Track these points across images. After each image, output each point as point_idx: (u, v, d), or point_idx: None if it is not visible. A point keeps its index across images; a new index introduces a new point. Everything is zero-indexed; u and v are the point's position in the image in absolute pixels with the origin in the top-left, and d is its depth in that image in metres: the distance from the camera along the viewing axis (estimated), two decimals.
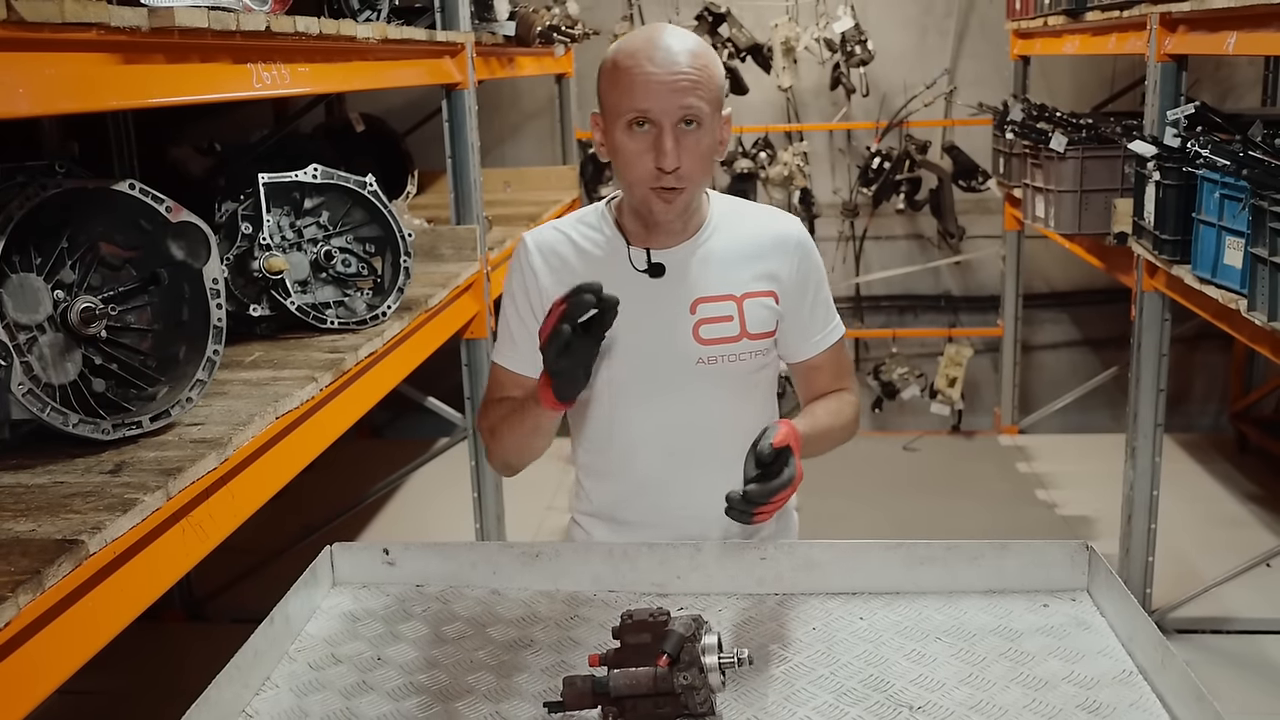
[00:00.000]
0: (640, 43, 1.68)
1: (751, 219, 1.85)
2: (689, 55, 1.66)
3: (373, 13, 2.83)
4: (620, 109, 1.67)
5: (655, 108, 1.64)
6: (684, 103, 1.64)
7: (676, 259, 1.78)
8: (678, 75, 1.64)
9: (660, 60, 1.65)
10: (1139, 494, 3.71)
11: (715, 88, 1.69)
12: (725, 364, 1.78)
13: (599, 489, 1.90)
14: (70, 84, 1.59)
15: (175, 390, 1.88)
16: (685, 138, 1.66)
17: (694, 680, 1.27)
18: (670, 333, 1.77)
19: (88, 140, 3.40)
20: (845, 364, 1.94)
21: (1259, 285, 2.60)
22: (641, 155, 1.67)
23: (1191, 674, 1.30)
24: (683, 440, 1.81)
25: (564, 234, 1.83)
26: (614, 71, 1.69)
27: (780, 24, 5.36)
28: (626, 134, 1.67)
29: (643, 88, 1.64)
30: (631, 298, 1.75)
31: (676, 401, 1.79)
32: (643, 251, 1.78)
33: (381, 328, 2.55)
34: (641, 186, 1.69)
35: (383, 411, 5.95)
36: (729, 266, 1.79)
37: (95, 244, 1.86)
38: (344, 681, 1.47)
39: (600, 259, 1.79)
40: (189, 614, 4.06)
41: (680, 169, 1.66)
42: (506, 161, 5.67)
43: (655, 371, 1.78)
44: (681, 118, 1.65)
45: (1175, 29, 3.32)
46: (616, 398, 1.80)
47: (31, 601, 1.33)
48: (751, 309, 1.79)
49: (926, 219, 5.70)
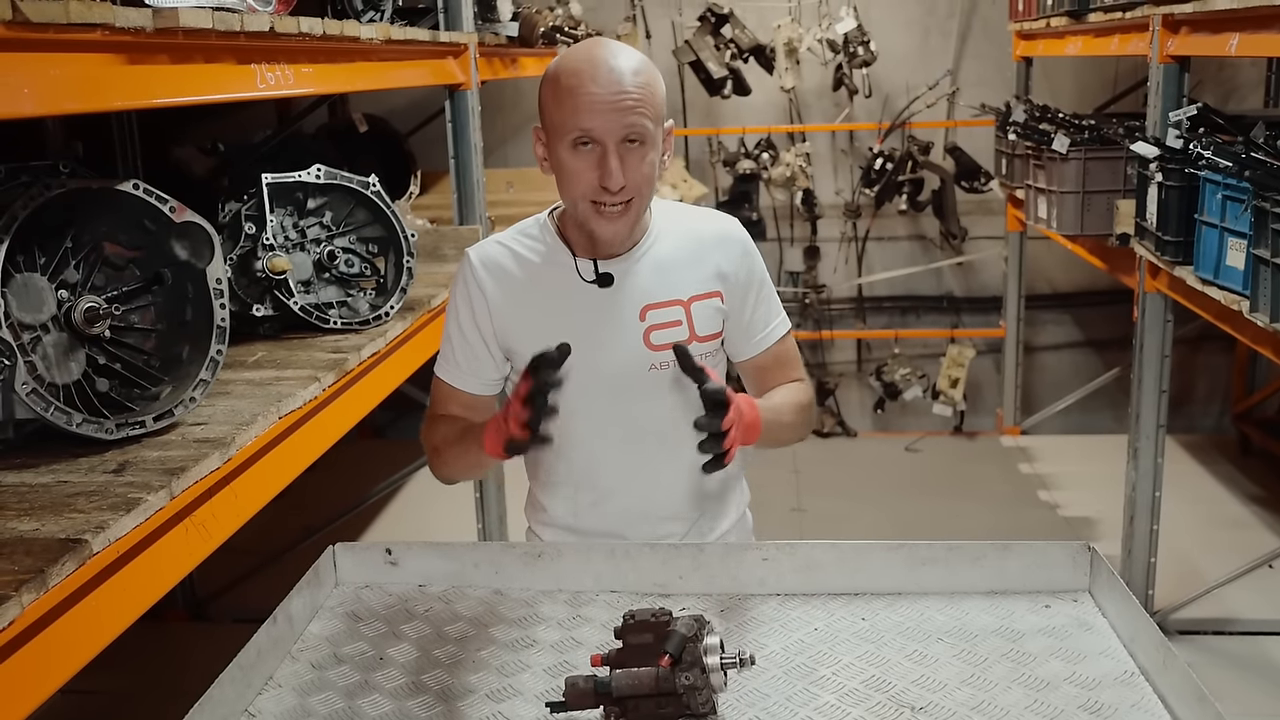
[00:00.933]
0: (582, 62, 1.67)
1: (691, 221, 1.86)
2: (631, 74, 1.66)
3: (376, 13, 2.83)
4: (564, 128, 1.66)
5: (599, 127, 1.64)
6: (627, 121, 1.64)
7: (623, 268, 1.78)
8: (621, 95, 1.64)
9: (603, 80, 1.64)
10: (1141, 495, 3.70)
11: (658, 104, 1.69)
12: (677, 368, 1.78)
13: (555, 500, 1.89)
14: (75, 84, 1.60)
15: (179, 390, 1.88)
16: (629, 155, 1.66)
17: (696, 680, 1.27)
18: (621, 341, 1.77)
19: (92, 140, 3.41)
20: (795, 357, 1.94)
21: (1261, 286, 2.60)
22: (585, 173, 1.67)
23: (1193, 675, 1.30)
24: (637, 446, 1.81)
25: (507, 247, 1.82)
26: (556, 89, 1.68)
27: (783, 25, 5.37)
28: (570, 152, 1.67)
29: (587, 108, 1.64)
30: (580, 308, 1.76)
31: (630, 409, 1.79)
32: (590, 262, 1.78)
33: (384, 328, 2.56)
34: (584, 202, 1.69)
35: (385, 411, 5.94)
36: (674, 271, 1.79)
37: (99, 244, 1.86)
38: (346, 681, 1.48)
39: (545, 271, 1.79)
40: (192, 614, 4.07)
41: (626, 185, 1.66)
42: (509, 162, 5.67)
43: (608, 381, 1.77)
44: (625, 136, 1.65)
45: (1178, 30, 3.32)
46: (572, 408, 1.76)
47: (35, 600, 1.34)
48: (699, 311, 1.79)
49: (929, 220, 5.70)
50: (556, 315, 1.77)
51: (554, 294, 1.78)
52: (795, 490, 5.03)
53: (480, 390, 1.84)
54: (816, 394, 5.75)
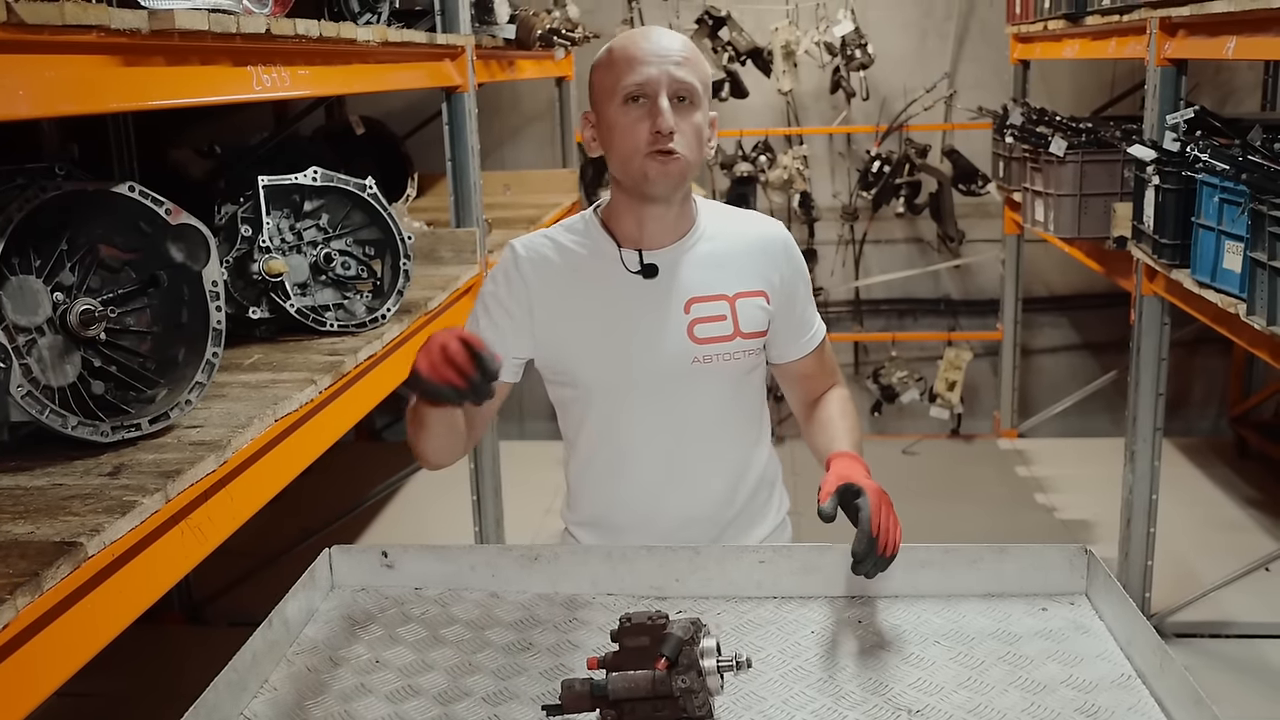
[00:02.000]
0: (633, 31, 1.76)
1: (738, 221, 1.87)
2: (681, 41, 1.74)
3: (373, 15, 2.83)
4: (615, 89, 1.70)
5: (651, 78, 1.68)
6: (677, 76, 1.69)
7: (668, 259, 1.79)
8: (671, 51, 1.70)
9: (654, 39, 1.72)
10: (1138, 498, 3.71)
11: (705, 76, 1.74)
12: (720, 363, 1.78)
13: (592, 495, 1.90)
14: (70, 86, 1.59)
15: (174, 393, 1.88)
16: (679, 110, 1.69)
17: (692, 683, 1.27)
18: (665, 333, 1.77)
19: (87, 142, 3.40)
20: (833, 360, 1.96)
21: (1258, 289, 2.60)
22: (636, 125, 1.69)
23: (1190, 678, 1.30)
24: (678, 442, 1.81)
25: (552, 240, 1.83)
26: (608, 58, 1.74)
27: (780, 28, 5.37)
28: (621, 110, 1.70)
29: (640, 64, 1.69)
30: (625, 299, 1.76)
31: (671, 402, 1.79)
32: (635, 253, 1.78)
33: (381, 330, 2.55)
34: (637, 156, 1.70)
35: (382, 414, 5.96)
36: (720, 266, 1.80)
37: (95, 246, 1.86)
38: (342, 684, 1.47)
39: (590, 262, 1.80)
40: (188, 617, 4.06)
41: (676, 136, 1.68)
42: (506, 164, 5.67)
43: (651, 372, 1.77)
44: (675, 91, 1.69)
45: (1175, 33, 3.32)
46: (611, 400, 1.80)
47: (30, 604, 1.33)
48: (744, 308, 1.79)
49: (926, 223, 5.71)
50: (601, 306, 1.77)
51: (598, 285, 1.78)
52: (794, 493, 5.01)
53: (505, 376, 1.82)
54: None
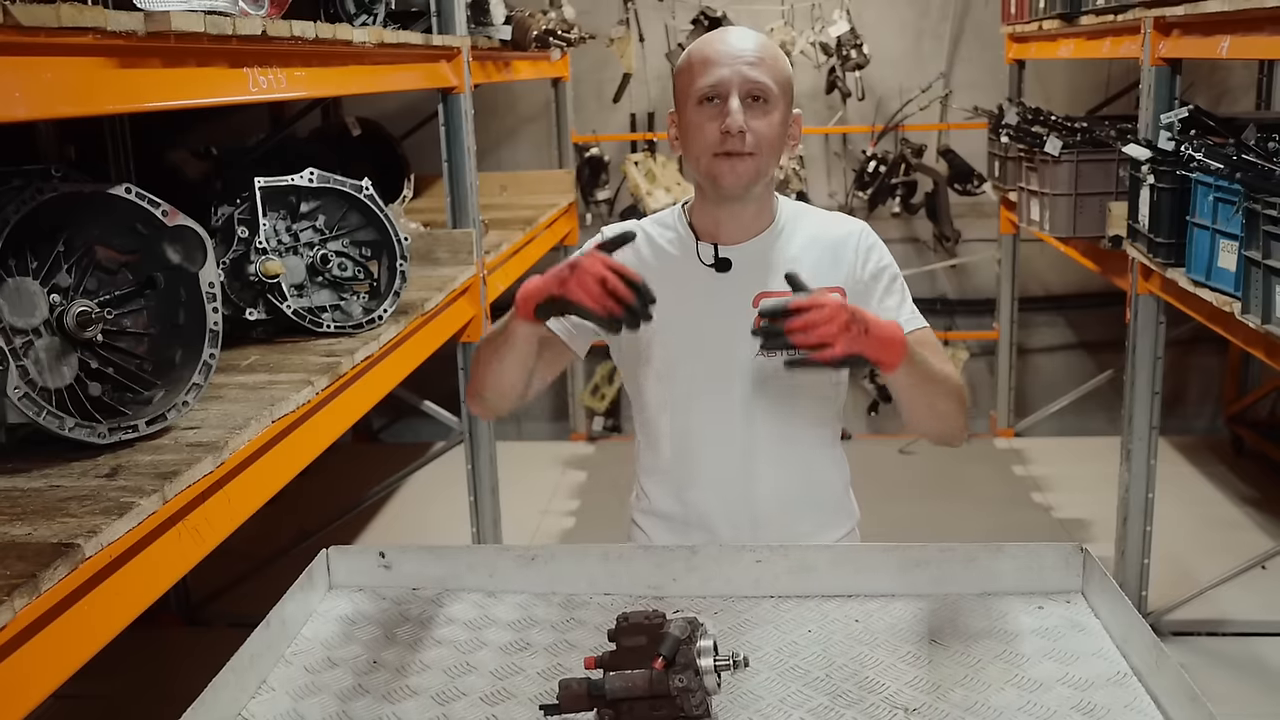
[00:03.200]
0: (710, 34, 1.79)
1: (819, 219, 1.88)
2: (756, 41, 1.75)
3: (369, 17, 2.83)
4: (691, 89, 1.73)
5: (723, 79, 1.70)
6: (750, 76, 1.70)
7: (743, 255, 1.81)
8: (744, 52, 1.72)
9: (730, 40, 1.75)
10: (1134, 497, 3.71)
11: (783, 75, 1.75)
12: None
13: (658, 488, 1.91)
14: (67, 88, 1.60)
15: (171, 394, 1.88)
16: (752, 110, 1.71)
17: (689, 683, 1.27)
18: (731, 326, 1.76)
19: (84, 144, 3.40)
20: (938, 353, 1.84)
21: (1253, 288, 2.60)
22: (708, 124, 1.72)
23: (1185, 675, 1.30)
24: (741, 437, 1.81)
25: (640, 229, 1.86)
26: (687, 60, 1.77)
27: (776, 28, 5.37)
28: (696, 110, 1.73)
29: (713, 63, 1.72)
30: (696, 292, 1.80)
31: (738, 397, 1.80)
32: (710, 246, 1.81)
33: (378, 331, 2.56)
34: (707, 155, 1.73)
35: (379, 415, 5.96)
36: (794, 263, 1.77)
37: (91, 248, 1.86)
38: (340, 685, 1.48)
39: (671, 254, 1.84)
40: (186, 618, 4.06)
41: (747, 135, 1.70)
42: (503, 165, 5.67)
43: (716, 365, 1.80)
44: (748, 91, 1.71)
45: (1169, 33, 3.33)
46: (679, 391, 1.82)
47: (27, 605, 1.33)
48: None
49: (922, 222, 5.71)
50: (674, 297, 1.76)
51: (672, 274, 1.80)
52: None
53: (560, 330, 1.83)
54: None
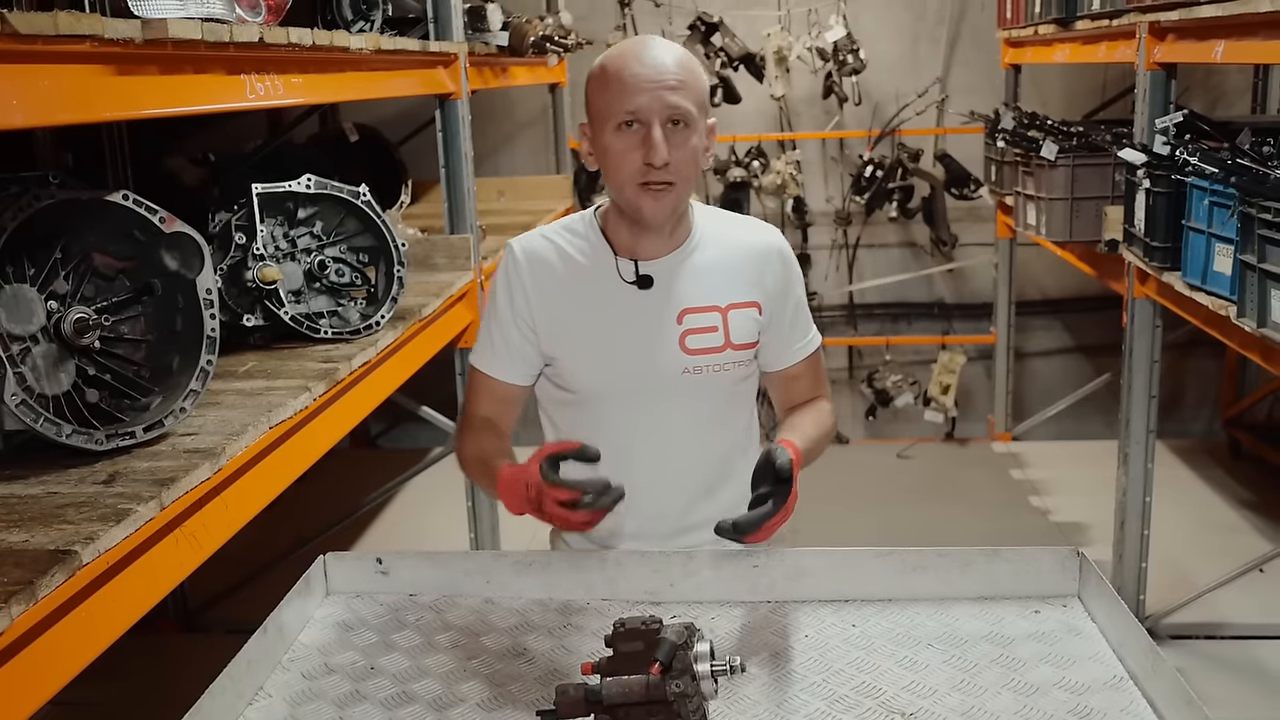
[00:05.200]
0: (627, 47, 1.73)
1: (735, 230, 1.87)
2: (675, 59, 1.71)
3: (366, 23, 2.83)
4: (609, 111, 1.69)
5: (643, 106, 1.67)
6: (671, 101, 1.67)
7: (663, 270, 1.80)
8: (665, 75, 1.68)
9: (648, 61, 1.69)
10: (1132, 500, 3.71)
11: (701, 92, 1.73)
12: (710, 374, 1.79)
13: None
14: (64, 95, 1.60)
15: (169, 400, 1.88)
16: (673, 136, 1.68)
17: (686, 688, 1.27)
18: (657, 343, 1.78)
19: (82, 151, 3.41)
20: (822, 372, 1.96)
21: (1248, 291, 2.61)
22: (630, 153, 1.69)
23: (1181, 679, 1.30)
24: (668, 453, 1.81)
25: (551, 242, 1.83)
26: (602, 76, 1.72)
27: (772, 33, 5.38)
28: (615, 135, 1.70)
29: (631, 88, 1.67)
30: (619, 309, 1.78)
31: (662, 413, 1.79)
32: (630, 263, 1.79)
33: (375, 337, 2.56)
34: (631, 185, 1.71)
35: (377, 421, 5.96)
36: (714, 277, 1.80)
37: (89, 254, 1.86)
38: (337, 691, 1.48)
39: (587, 269, 1.80)
40: (183, 624, 4.05)
41: (670, 164, 1.68)
42: (500, 171, 5.68)
43: (641, 382, 1.78)
44: (669, 117, 1.68)
45: (1164, 37, 3.34)
46: (604, 410, 1.80)
47: (25, 612, 1.33)
48: (736, 320, 1.80)
49: (919, 227, 5.72)
50: (595, 314, 1.78)
51: (594, 292, 1.79)
52: None
53: (515, 380, 1.84)
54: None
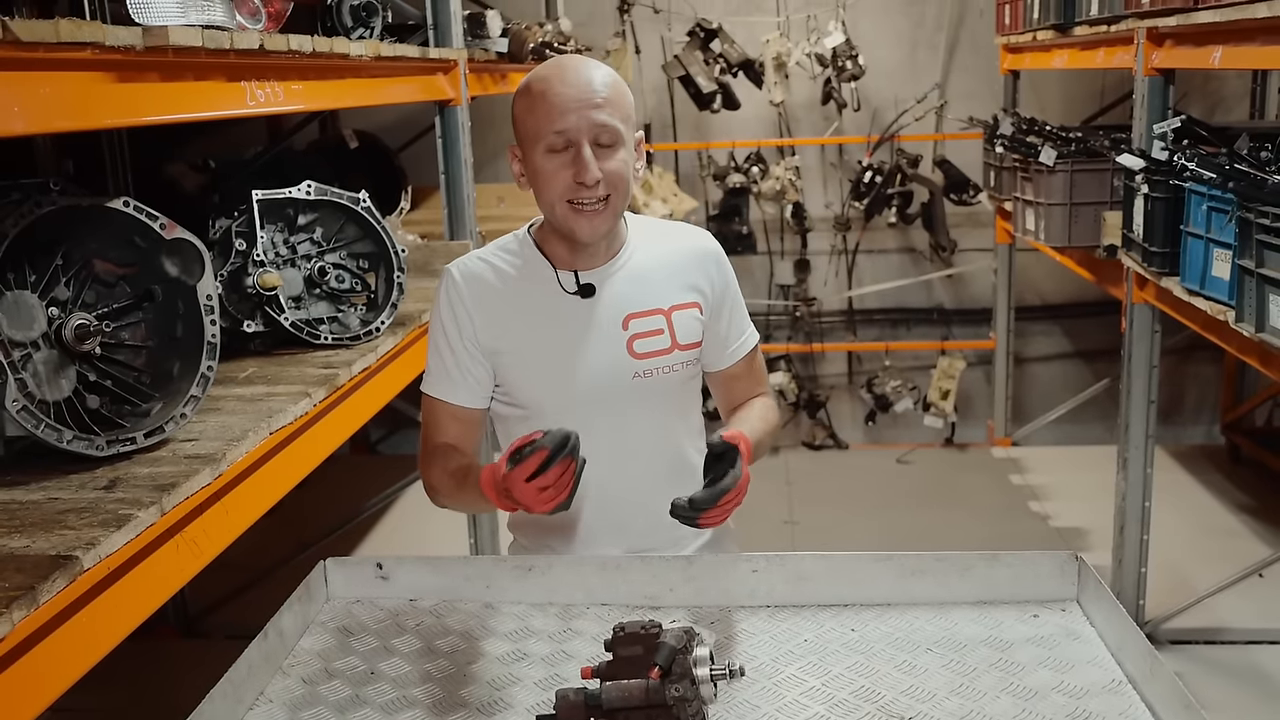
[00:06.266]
0: (552, 69, 1.73)
1: (667, 234, 1.89)
2: (600, 76, 1.71)
3: (366, 30, 2.84)
4: (538, 133, 1.70)
5: (571, 127, 1.67)
6: (599, 120, 1.68)
7: (603, 277, 1.81)
8: (591, 94, 1.68)
9: (572, 81, 1.69)
10: (1131, 505, 3.72)
11: (626, 107, 1.73)
12: (660, 375, 1.81)
13: None
14: (65, 103, 1.61)
15: (169, 406, 1.89)
16: (602, 154, 1.69)
17: (685, 692, 1.28)
18: (605, 350, 1.79)
19: (83, 157, 3.41)
20: (761, 369, 1.98)
21: (1246, 296, 2.61)
22: (560, 172, 1.70)
23: (1180, 683, 1.31)
24: (624, 456, 1.81)
25: (488, 263, 1.84)
26: (528, 98, 1.72)
27: (771, 39, 5.40)
28: (545, 157, 1.70)
29: (559, 110, 1.67)
30: (563, 320, 1.79)
31: (615, 418, 1.80)
32: (570, 274, 1.80)
33: (375, 343, 2.56)
34: (562, 204, 1.71)
35: (378, 427, 5.96)
36: (654, 281, 1.82)
37: (89, 261, 1.87)
38: (337, 696, 1.48)
39: (527, 284, 1.81)
40: (184, 630, 4.05)
41: (601, 181, 1.69)
42: (500, 177, 5.68)
43: (593, 390, 1.79)
44: (596, 137, 1.68)
45: (1162, 43, 3.35)
46: (555, 419, 1.74)
47: (26, 617, 1.34)
48: (680, 320, 1.82)
49: (918, 232, 5.73)
50: (540, 327, 1.79)
51: (537, 307, 1.80)
52: (787, 502, 5.04)
53: (473, 403, 1.84)
54: (808, 407, 5.76)
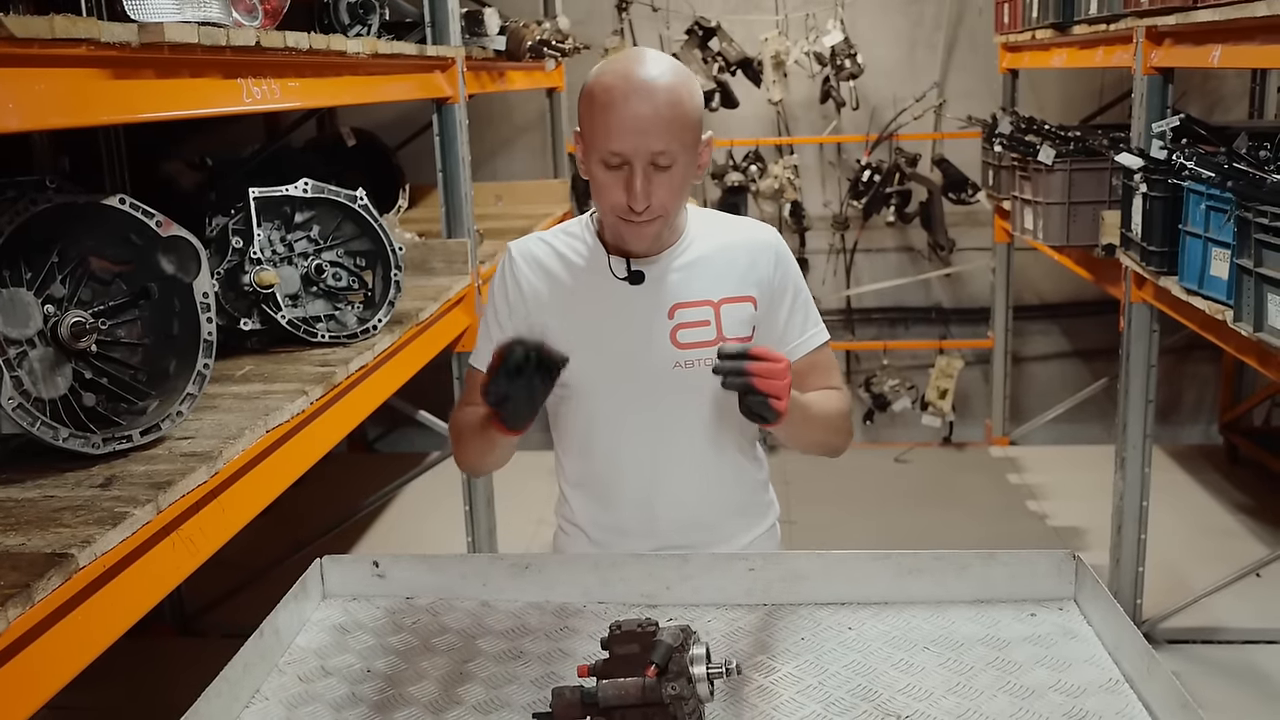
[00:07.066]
0: (619, 79, 1.68)
1: (728, 228, 1.88)
2: (665, 92, 1.66)
3: (363, 28, 2.84)
4: (596, 146, 1.69)
5: (628, 150, 1.66)
6: (656, 147, 1.66)
7: (655, 267, 1.81)
8: (650, 118, 1.65)
9: (635, 101, 1.65)
10: (1129, 505, 3.72)
11: (692, 123, 1.70)
12: (702, 368, 1.78)
13: (580, 497, 1.91)
14: (60, 99, 1.60)
15: (166, 404, 1.88)
16: (657, 176, 1.69)
17: (682, 690, 1.27)
18: (648, 337, 1.79)
19: (79, 155, 3.41)
20: (831, 367, 1.94)
21: (1244, 296, 2.61)
22: (613, 189, 1.70)
23: (1176, 682, 1.30)
24: (662, 447, 1.82)
25: (548, 244, 1.86)
26: (591, 105, 1.70)
27: (770, 38, 5.39)
28: (601, 169, 1.70)
29: (618, 130, 1.66)
30: (610, 304, 1.80)
31: (655, 407, 1.80)
32: (622, 260, 1.81)
33: (372, 341, 2.56)
34: (612, 215, 1.73)
35: (375, 425, 5.96)
36: (707, 273, 1.82)
37: (86, 258, 1.86)
38: (333, 694, 1.48)
39: (582, 267, 1.83)
40: (180, 628, 4.05)
41: (651, 205, 1.69)
42: (498, 175, 5.68)
43: (634, 376, 1.79)
44: (652, 160, 1.67)
45: (1161, 42, 3.35)
46: (597, 404, 1.82)
47: (21, 615, 1.33)
48: (729, 314, 1.81)
49: (917, 231, 5.72)
50: (587, 310, 1.80)
51: (586, 289, 1.82)
52: (785, 501, 4.97)
53: None
54: None
